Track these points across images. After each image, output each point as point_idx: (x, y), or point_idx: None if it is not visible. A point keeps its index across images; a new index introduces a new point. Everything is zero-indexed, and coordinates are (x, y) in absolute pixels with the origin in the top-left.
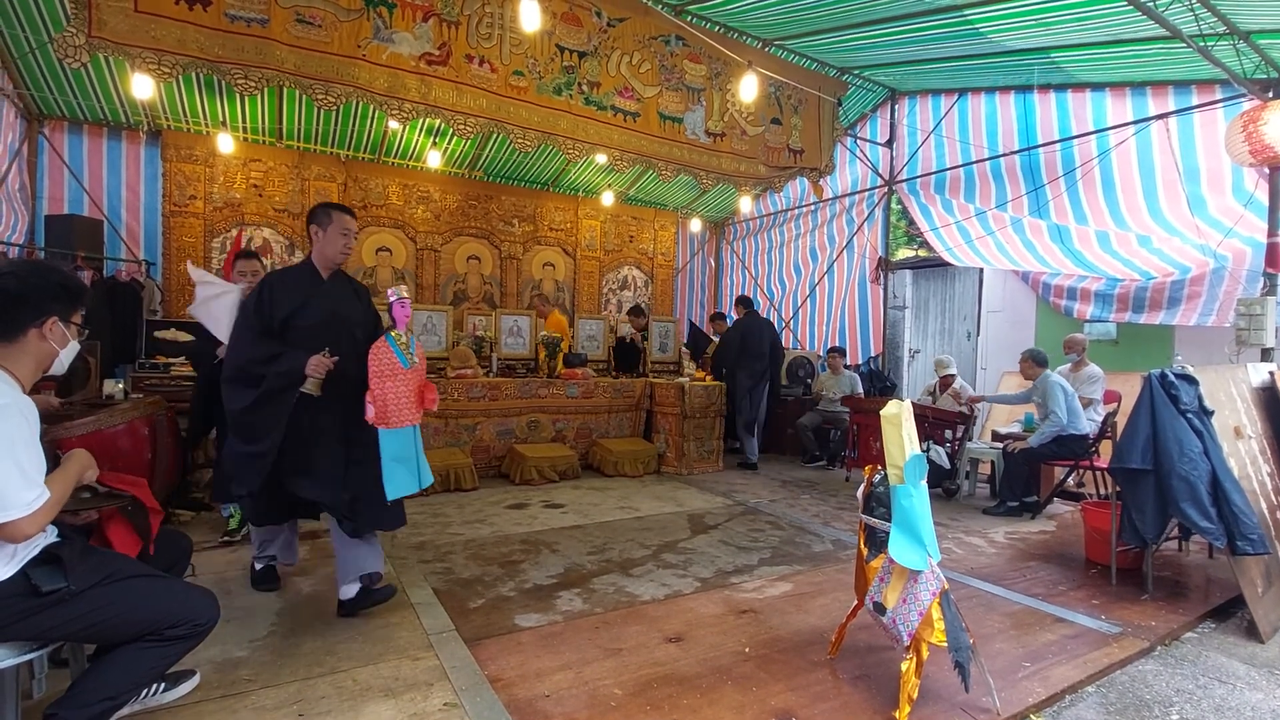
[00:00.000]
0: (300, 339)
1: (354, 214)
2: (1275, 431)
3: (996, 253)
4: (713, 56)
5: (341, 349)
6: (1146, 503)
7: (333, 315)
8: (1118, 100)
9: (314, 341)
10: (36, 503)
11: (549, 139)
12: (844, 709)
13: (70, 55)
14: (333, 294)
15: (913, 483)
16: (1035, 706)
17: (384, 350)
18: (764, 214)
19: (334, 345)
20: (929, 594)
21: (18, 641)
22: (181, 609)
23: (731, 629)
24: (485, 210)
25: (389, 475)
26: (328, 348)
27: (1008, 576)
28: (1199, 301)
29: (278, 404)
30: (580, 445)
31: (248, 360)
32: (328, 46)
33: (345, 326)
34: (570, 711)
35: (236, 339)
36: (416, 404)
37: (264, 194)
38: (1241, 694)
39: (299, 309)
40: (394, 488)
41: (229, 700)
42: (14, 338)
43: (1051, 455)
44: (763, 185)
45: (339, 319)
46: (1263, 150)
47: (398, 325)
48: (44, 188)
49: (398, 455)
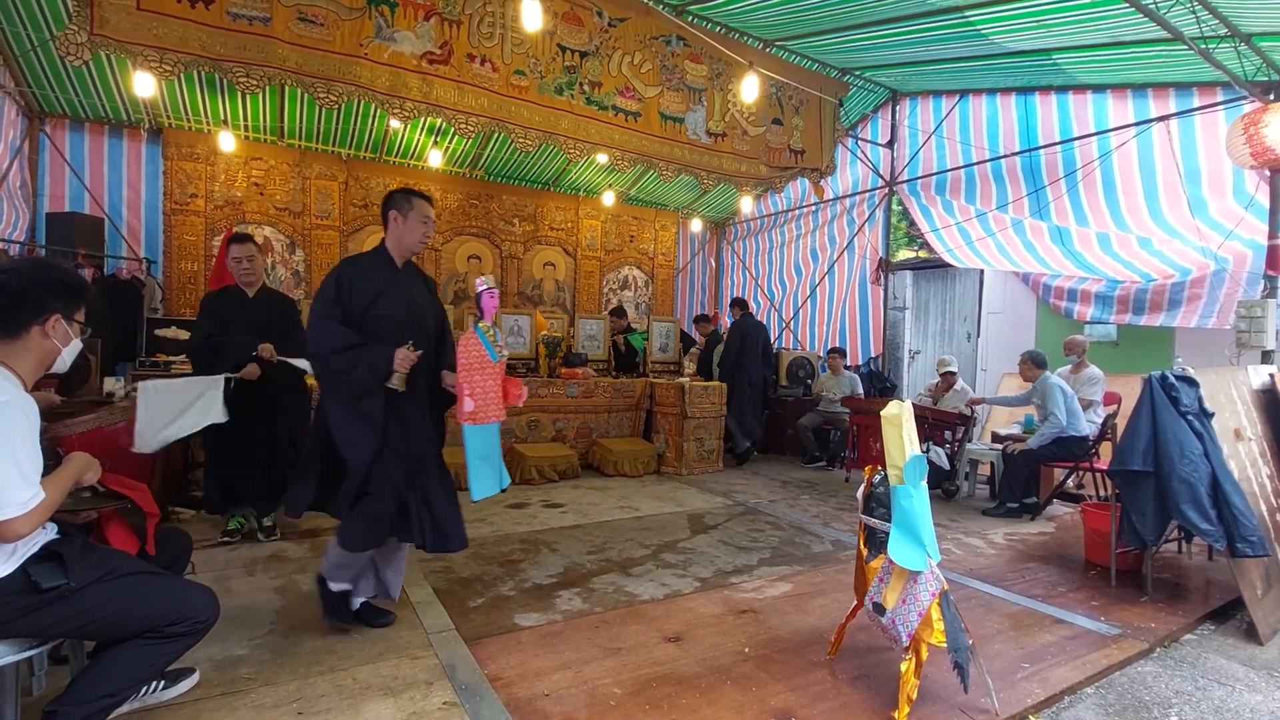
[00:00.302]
0: (379, 331)
1: (432, 201)
2: (1275, 434)
3: (997, 254)
4: (714, 57)
5: (417, 343)
6: (1147, 504)
7: (409, 306)
8: (1119, 102)
9: (395, 334)
10: (32, 502)
11: (550, 139)
12: (843, 709)
13: (72, 53)
14: (406, 283)
15: (913, 483)
16: (1034, 707)
17: (473, 342)
18: (765, 214)
19: (413, 338)
20: (928, 595)
21: (18, 638)
22: (181, 606)
23: (731, 629)
24: (486, 209)
25: (475, 474)
26: (410, 341)
27: (1007, 578)
28: (1199, 303)
29: (369, 404)
30: (580, 445)
31: (333, 352)
32: (329, 45)
33: (420, 318)
34: (569, 711)
35: (318, 331)
36: (502, 399)
37: (265, 192)
38: (1240, 696)
39: (376, 298)
40: (480, 488)
41: (228, 698)
42: (16, 335)
43: (1051, 457)
44: (764, 186)
45: (415, 310)
46: (1264, 153)
47: (485, 316)
48: (45, 185)
49: (484, 454)
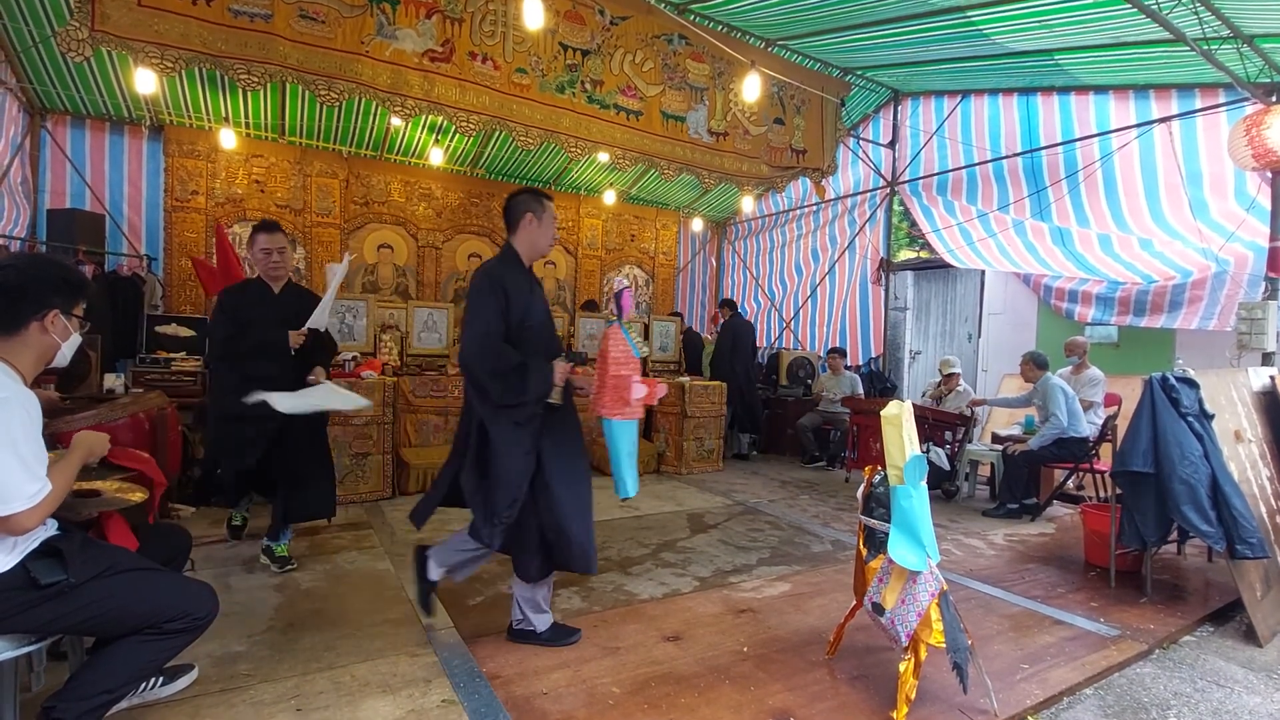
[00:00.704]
0: (533, 342)
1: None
2: (1275, 435)
3: (998, 255)
4: (716, 56)
5: (551, 349)
6: (1147, 506)
7: (548, 312)
8: (1120, 103)
9: (546, 344)
10: (38, 495)
11: (551, 137)
12: (841, 709)
13: (73, 49)
14: (539, 289)
15: (912, 484)
16: (1033, 708)
17: (620, 337)
18: (766, 214)
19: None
20: (927, 595)
21: (16, 634)
22: (180, 602)
23: (730, 628)
24: (487, 208)
25: (625, 472)
26: (564, 352)
27: (1007, 578)
28: (1200, 305)
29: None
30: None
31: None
32: (331, 42)
33: (552, 323)
34: (568, 709)
35: (490, 352)
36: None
37: (266, 190)
38: (1239, 698)
39: (528, 309)
40: (631, 484)
41: (227, 695)
42: (15, 331)
43: (1051, 458)
44: (765, 185)
45: (550, 316)
46: (1265, 154)
47: (624, 314)
48: (46, 182)
49: (630, 450)
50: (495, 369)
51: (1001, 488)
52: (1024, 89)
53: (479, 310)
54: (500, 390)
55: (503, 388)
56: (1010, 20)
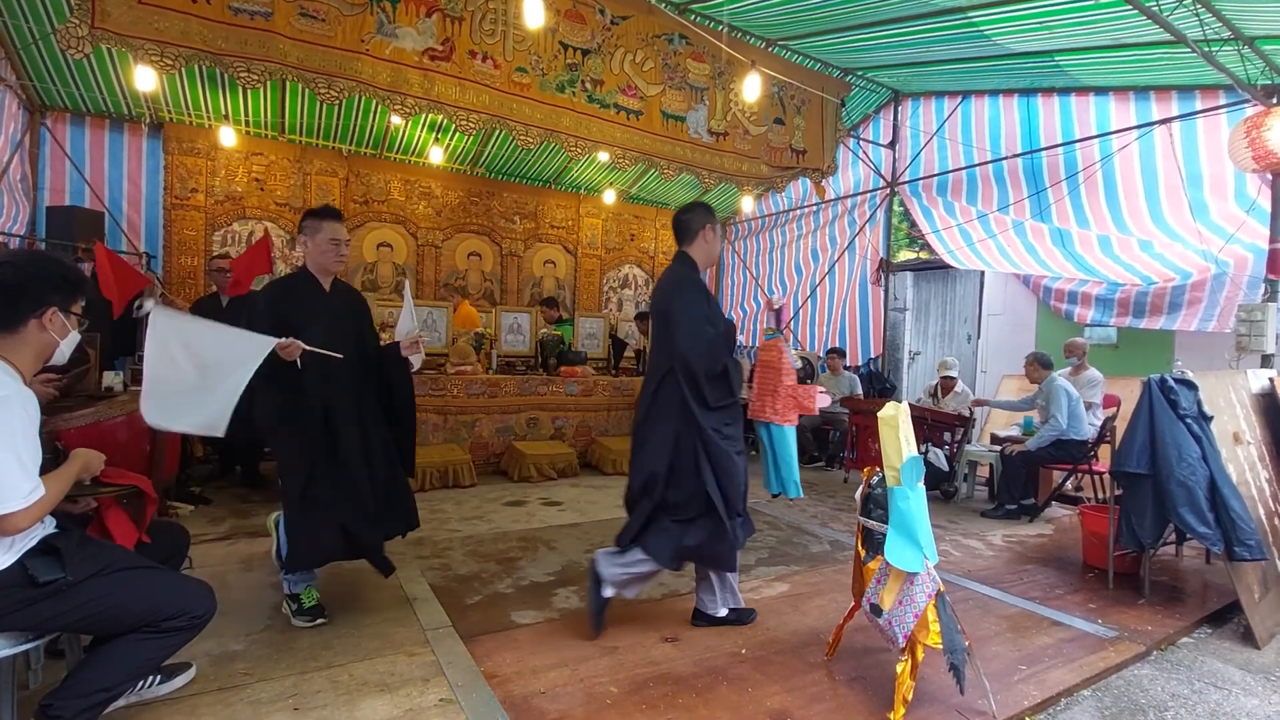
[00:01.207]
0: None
1: None
2: (1274, 437)
3: (998, 256)
4: (716, 56)
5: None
6: (1145, 507)
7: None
8: (1121, 104)
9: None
10: (33, 496)
11: (551, 136)
12: (839, 710)
13: (73, 46)
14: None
15: (910, 485)
16: (1030, 709)
17: (786, 349)
18: (766, 214)
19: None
20: (925, 596)
21: (14, 632)
22: (178, 601)
23: (728, 629)
24: (487, 207)
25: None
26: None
27: (1005, 579)
28: (1200, 307)
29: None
30: (579, 443)
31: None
32: (331, 40)
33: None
34: (565, 709)
35: (715, 349)
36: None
37: (265, 188)
38: (1237, 699)
39: (718, 313)
40: (799, 487)
41: (225, 693)
42: (14, 328)
43: (1050, 459)
44: (765, 185)
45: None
46: (1266, 156)
47: (782, 326)
48: (45, 179)
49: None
50: (716, 371)
51: (1000, 489)
52: (1024, 90)
53: (697, 314)
54: (718, 392)
55: (721, 389)
56: (1011, 21)
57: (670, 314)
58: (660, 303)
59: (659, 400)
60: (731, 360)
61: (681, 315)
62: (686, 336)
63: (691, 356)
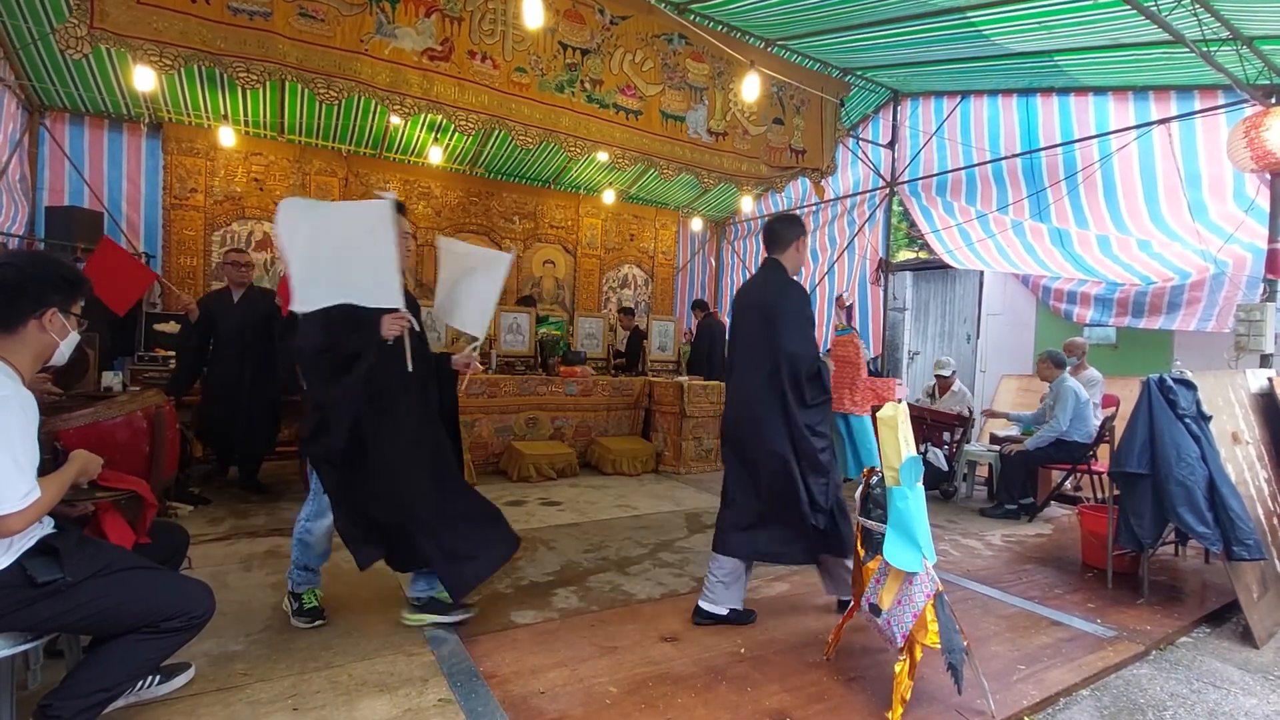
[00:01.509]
0: None
1: None
2: (1273, 437)
3: (997, 255)
4: (715, 55)
5: None
6: (1144, 507)
7: None
8: (1120, 104)
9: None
10: (29, 497)
11: (551, 136)
12: (838, 710)
13: (72, 46)
14: None
15: (909, 485)
16: (1029, 709)
17: (861, 344)
18: (765, 214)
19: None
20: (923, 596)
21: (13, 632)
22: (177, 601)
23: (727, 629)
24: (486, 207)
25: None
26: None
27: (1004, 579)
28: (1199, 307)
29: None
30: (579, 443)
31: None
32: (330, 40)
33: None
34: (565, 709)
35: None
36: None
37: (265, 188)
38: (1235, 699)
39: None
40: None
41: (224, 694)
42: (13, 329)
43: (1048, 458)
44: (764, 185)
45: None
46: (1264, 156)
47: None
48: (44, 179)
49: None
50: (814, 371)
51: (999, 488)
52: (1023, 90)
53: (804, 320)
54: (814, 390)
55: (816, 388)
56: (1010, 21)
57: (777, 315)
58: (764, 304)
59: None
60: (821, 361)
61: (790, 316)
62: (795, 337)
63: (799, 356)
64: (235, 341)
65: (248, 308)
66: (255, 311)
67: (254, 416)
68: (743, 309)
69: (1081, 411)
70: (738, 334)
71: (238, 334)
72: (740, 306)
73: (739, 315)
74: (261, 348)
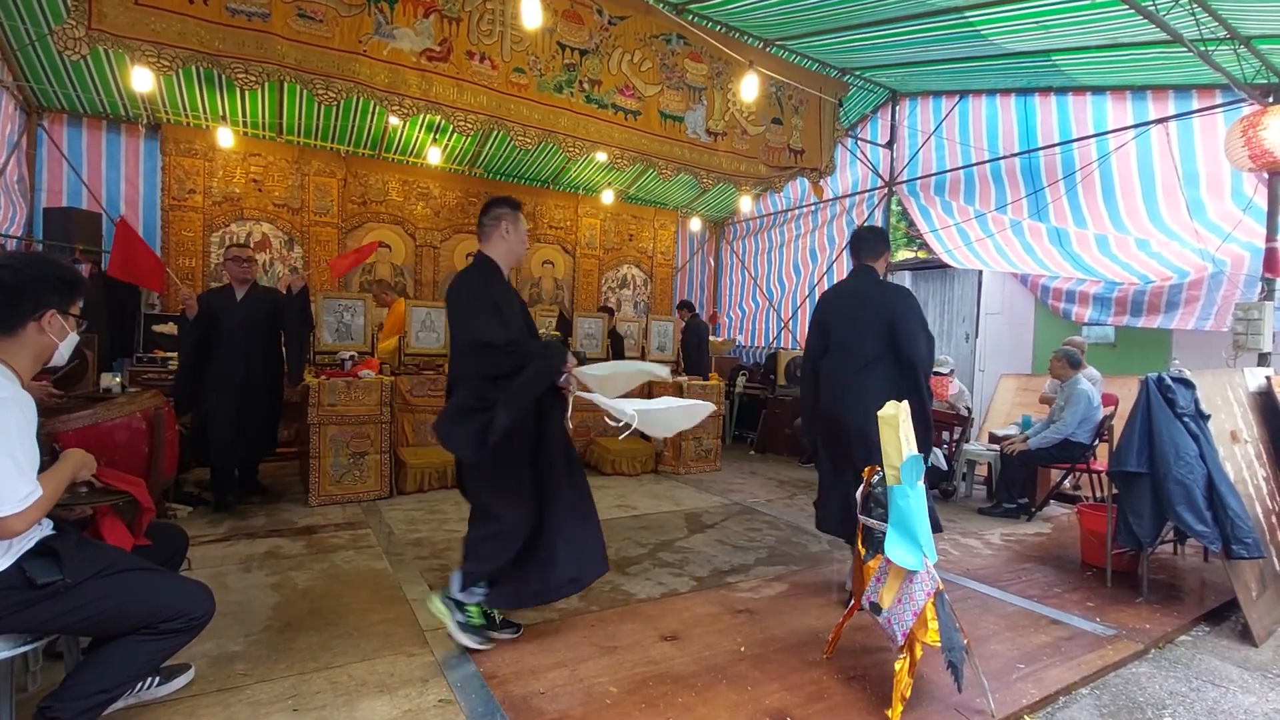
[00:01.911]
0: None
1: None
2: (1271, 436)
3: (996, 255)
4: (714, 56)
5: None
6: (1143, 506)
7: None
8: (1118, 104)
9: None
10: (29, 499)
11: (549, 137)
12: (838, 709)
13: (70, 47)
14: None
15: (909, 484)
16: (1029, 708)
17: None
18: (764, 214)
19: None
20: (924, 594)
21: (12, 634)
22: (177, 602)
23: (727, 628)
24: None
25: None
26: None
27: (1004, 578)
28: (1197, 305)
29: None
30: (578, 443)
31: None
32: (329, 41)
33: None
34: (565, 709)
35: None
36: None
37: (263, 189)
38: (1234, 697)
39: None
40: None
41: (224, 695)
42: (13, 331)
43: (1048, 458)
44: (763, 185)
45: None
46: (1262, 155)
47: None
48: (43, 180)
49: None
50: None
51: (998, 487)
52: (1021, 89)
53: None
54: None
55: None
56: (1008, 21)
57: (898, 321)
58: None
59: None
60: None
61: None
62: (923, 344)
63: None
64: (238, 340)
65: (251, 305)
66: (259, 309)
67: (256, 416)
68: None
69: (1091, 415)
70: (835, 326)
71: (241, 332)
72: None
73: (838, 307)
74: (265, 346)
